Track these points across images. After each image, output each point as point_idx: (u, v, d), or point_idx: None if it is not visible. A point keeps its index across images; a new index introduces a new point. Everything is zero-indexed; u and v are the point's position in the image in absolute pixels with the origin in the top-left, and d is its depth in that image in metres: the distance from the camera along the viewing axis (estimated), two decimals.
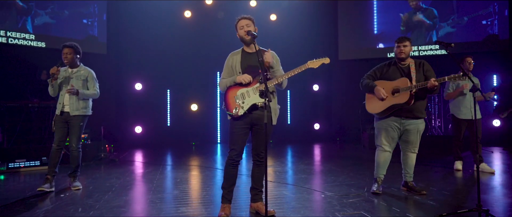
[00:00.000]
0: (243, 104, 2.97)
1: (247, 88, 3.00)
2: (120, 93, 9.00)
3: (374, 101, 3.72)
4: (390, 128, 3.70)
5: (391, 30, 9.37)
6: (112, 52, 8.75)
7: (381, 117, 3.73)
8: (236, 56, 3.14)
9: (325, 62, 3.07)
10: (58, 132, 4.07)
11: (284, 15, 9.79)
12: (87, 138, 6.35)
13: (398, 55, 3.70)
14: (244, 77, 2.97)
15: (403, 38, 3.74)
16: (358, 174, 4.90)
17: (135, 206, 3.42)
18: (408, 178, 3.86)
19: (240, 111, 2.97)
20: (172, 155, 7.27)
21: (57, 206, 3.40)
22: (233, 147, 3.02)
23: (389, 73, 3.73)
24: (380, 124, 3.74)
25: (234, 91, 3.02)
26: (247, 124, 3.04)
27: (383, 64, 3.85)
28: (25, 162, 5.46)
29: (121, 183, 4.41)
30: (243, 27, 3.04)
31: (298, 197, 3.71)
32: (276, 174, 5.02)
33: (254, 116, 3.01)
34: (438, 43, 3.20)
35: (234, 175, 3.10)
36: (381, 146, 3.77)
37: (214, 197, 3.73)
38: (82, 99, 4.14)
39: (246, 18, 3.08)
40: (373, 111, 3.74)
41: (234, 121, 3.03)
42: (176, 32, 9.05)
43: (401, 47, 3.68)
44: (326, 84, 10.19)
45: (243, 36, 3.05)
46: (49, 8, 7.99)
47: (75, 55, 4.19)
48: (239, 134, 3.01)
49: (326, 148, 8.32)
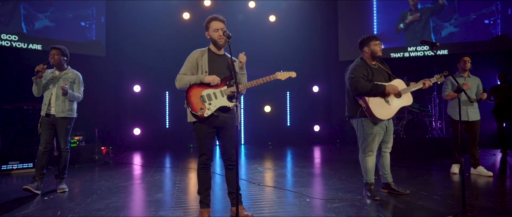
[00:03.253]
0: (209, 106, 2.91)
1: (214, 89, 2.95)
2: (119, 95, 9.02)
3: (383, 106, 3.45)
4: (382, 131, 3.61)
5: (391, 30, 9.23)
6: (111, 55, 8.78)
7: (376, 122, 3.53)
8: (203, 55, 3.06)
9: (292, 76, 3.12)
10: (44, 134, 4.07)
11: (283, 16, 9.72)
12: (82, 140, 6.36)
13: (379, 53, 3.63)
14: (213, 78, 2.92)
15: (377, 37, 3.71)
16: (349, 177, 4.79)
17: (115, 209, 3.37)
18: (389, 179, 3.79)
19: (206, 112, 2.90)
20: (169, 157, 7.24)
21: (37, 209, 3.38)
22: (202, 152, 3.00)
23: (375, 75, 3.59)
24: (375, 129, 3.54)
25: (199, 91, 2.95)
26: (213, 128, 2.99)
27: (358, 65, 3.60)
28: (18, 164, 5.49)
29: (108, 186, 4.38)
30: (218, 30, 2.98)
31: (282, 201, 3.63)
32: (266, 176, 4.94)
33: (221, 118, 2.96)
34: (424, 42, 3.11)
35: (207, 178, 3.06)
36: (372, 151, 3.61)
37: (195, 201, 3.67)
38: (69, 100, 4.12)
39: (221, 20, 3.00)
40: (386, 117, 3.46)
41: (199, 125, 2.97)
42: (175, 34, 9.03)
43: (380, 45, 3.63)
44: (326, 86, 10.08)
45: (216, 39, 2.99)
46: (48, 12, 8.05)
47: (62, 57, 4.19)
48: (206, 139, 2.98)
49: (326, 150, 8.21)
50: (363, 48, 3.68)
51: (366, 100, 3.45)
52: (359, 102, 3.53)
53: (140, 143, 8.94)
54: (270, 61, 8.77)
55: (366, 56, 3.68)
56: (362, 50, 3.71)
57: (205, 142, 2.98)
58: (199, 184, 3.05)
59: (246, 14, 9.57)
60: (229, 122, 3.00)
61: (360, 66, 3.59)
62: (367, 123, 3.55)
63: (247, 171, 5.47)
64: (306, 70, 9.86)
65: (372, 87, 3.42)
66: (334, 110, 9.95)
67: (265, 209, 3.32)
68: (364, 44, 3.66)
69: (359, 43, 3.72)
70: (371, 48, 3.62)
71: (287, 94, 10.09)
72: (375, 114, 3.42)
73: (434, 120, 7.90)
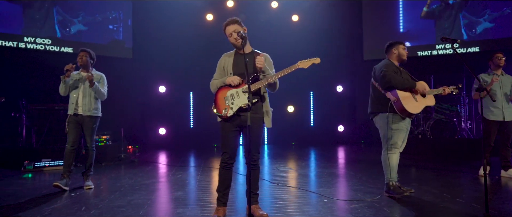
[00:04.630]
0: (232, 105, 2.95)
1: (236, 89, 2.98)
2: (145, 96, 9.30)
3: (412, 101, 3.57)
4: (406, 129, 3.67)
5: (418, 27, 8.94)
6: (137, 57, 9.07)
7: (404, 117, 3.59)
8: (229, 58, 3.12)
9: (315, 62, 2.98)
10: (71, 133, 4.26)
11: (306, 16, 9.66)
12: (109, 139, 6.61)
13: (404, 57, 3.74)
14: (233, 79, 2.95)
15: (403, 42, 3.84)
16: (370, 178, 4.70)
17: (135, 206, 3.48)
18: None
19: (229, 112, 2.94)
20: (193, 156, 7.38)
21: (64, 204, 3.55)
22: (225, 150, 3.01)
23: (403, 75, 3.68)
24: (402, 124, 3.61)
25: (224, 92, 3.00)
26: (237, 126, 3.01)
27: (390, 64, 3.72)
28: (49, 162, 5.78)
29: (131, 184, 4.53)
30: (231, 34, 3.01)
31: (299, 201, 3.62)
32: (286, 176, 4.94)
33: (243, 118, 2.97)
34: (444, 40, 3.00)
35: (228, 178, 3.08)
36: (397, 147, 3.63)
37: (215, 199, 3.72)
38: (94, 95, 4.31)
39: (231, 23, 3.02)
40: (414, 111, 3.54)
41: (224, 123, 3.01)
42: (199, 35, 9.19)
43: (406, 51, 3.76)
44: (351, 85, 9.92)
45: (234, 43, 3.03)
46: (80, 16, 8.43)
47: (90, 59, 4.39)
48: (230, 137, 2.99)
49: (349, 150, 8.08)
50: (392, 49, 3.77)
51: (397, 93, 3.53)
52: (388, 96, 3.60)
53: (165, 142, 9.17)
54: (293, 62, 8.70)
55: (393, 58, 3.77)
56: (390, 52, 3.80)
57: (228, 141, 3.01)
58: (220, 182, 3.09)
59: (268, 15, 9.59)
60: (252, 121, 2.99)
61: (390, 64, 3.72)
62: (395, 118, 3.60)
63: (268, 170, 5.48)
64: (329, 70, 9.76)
65: (405, 81, 3.54)
66: (358, 109, 9.78)
67: (281, 209, 3.32)
68: (393, 46, 3.77)
69: (387, 46, 3.83)
70: (399, 51, 3.74)
71: (310, 94, 10.01)
72: (405, 106, 3.50)
73: (463, 120, 7.58)
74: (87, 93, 4.28)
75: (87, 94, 4.28)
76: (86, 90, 4.28)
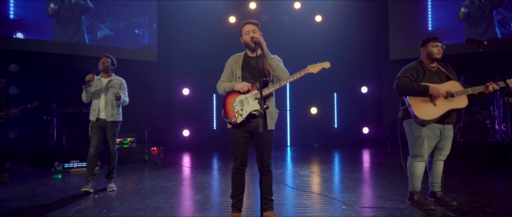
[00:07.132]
0: (242, 111, 2.92)
1: (246, 95, 2.95)
2: (169, 98, 9.47)
3: (427, 106, 3.30)
4: (433, 135, 3.39)
5: (448, 25, 8.56)
6: (162, 60, 9.26)
7: (424, 124, 3.35)
8: (238, 60, 3.09)
9: (325, 67, 2.89)
10: (95, 137, 4.41)
11: (329, 16, 9.50)
12: (133, 141, 6.78)
13: (437, 55, 3.44)
14: (242, 85, 2.92)
15: (438, 38, 3.50)
16: (393, 184, 4.54)
17: (154, 209, 3.54)
18: (437, 188, 3.58)
19: (239, 118, 2.92)
20: (215, 158, 7.44)
21: (86, 206, 3.67)
22: (236, 156, 3.01)
23: (426, 77, 3.43)
24: (424, 131, 3.36)
25: (233, 98, 2.98)
26: (247, 132, 2.98)
27: (411, 67, 3.49)
28: (77, 163, 6.00)
29: (152, 186, 4.62)
30: (248, 32, 3.00)
31: (316, 207, 3.55)
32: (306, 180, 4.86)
33: (253, 124, 2.94)
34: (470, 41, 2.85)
35: (241, 183, 3.07)
36: (422, 156, 3.42)
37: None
38: (118, 105, 4.45)
39: (251, 23, 3.03)
40: (429, 117, 3.28)
41: (233, 129, 3.00)
42: (222, 38, 9.22)
43: (439, 47, 3.44)
44: (376, 86, 9.65)
45: (248, 42, 3.00)
46: (108, 22, 8.71)
47: (111, 65, 4.52)
48: (240, 143, 2.98)
49: (374, 154, 7.86)
50: (421, 49, 3.57)
51: (408, 100, 3.36)
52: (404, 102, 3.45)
53: (189, 144, 9.29)
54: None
55: (423, 57, 3.56)
56: (420, 52, 3.60)
57: (239, 147, 3.00)
58: (233, 188, 3.09)
59: (291, 15, 9.51)
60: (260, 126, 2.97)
61: (411, 67, 3.49)
62: (414, 125, 3.42)
63: (288, 174, 5.43)
64: (354, 71, 9.56)
65: (413, 87, 3.30)
66: (384, 111, 9.50)
67: (297, 215, 3.27)
68: (422, 45, 3.56)
69: (419, 45, 3.61)
70: (427, 50, 3.48)
71: (334, 95, 9.84)
72: (417, 113, 3.29)
73: (497, 122, 7.18)
74: (109, 101, 4.41)
75: (109, 102, 4.41)
76: (107, 98, 4.41)
